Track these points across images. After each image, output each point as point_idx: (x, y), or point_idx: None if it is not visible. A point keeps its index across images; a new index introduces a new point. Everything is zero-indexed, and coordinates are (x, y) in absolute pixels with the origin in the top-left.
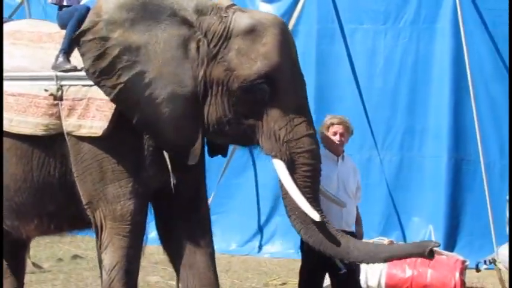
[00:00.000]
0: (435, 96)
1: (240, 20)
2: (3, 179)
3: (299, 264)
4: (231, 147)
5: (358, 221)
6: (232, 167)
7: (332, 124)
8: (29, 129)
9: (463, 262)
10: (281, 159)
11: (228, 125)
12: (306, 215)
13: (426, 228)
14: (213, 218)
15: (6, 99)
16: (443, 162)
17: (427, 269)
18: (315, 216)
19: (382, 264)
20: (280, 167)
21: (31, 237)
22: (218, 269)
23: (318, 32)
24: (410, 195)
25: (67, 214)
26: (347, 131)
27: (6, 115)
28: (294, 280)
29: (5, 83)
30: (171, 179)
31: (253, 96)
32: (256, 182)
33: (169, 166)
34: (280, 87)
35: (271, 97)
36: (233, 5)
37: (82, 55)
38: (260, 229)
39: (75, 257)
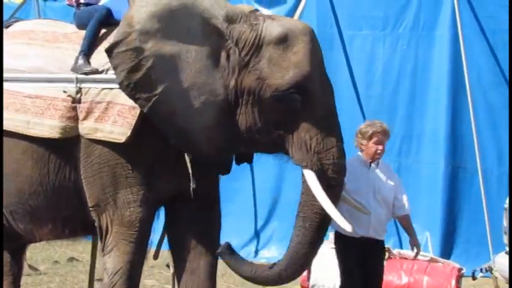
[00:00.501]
0: (433, 103)
1: (272, 28)
2: (18, 182)
3: None
4: None
5: (409, 231)
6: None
7: (374, 134)
8: (46, 132)
9: (459, 270)
10: (312, 169)
11: (258, 133)
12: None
13: (423, 235)
14: None
15: (23, 101)
16: (441, 169)
17: (423, 276)
18: (348, 227)
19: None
20: (311, 178)
21: (44, 240)
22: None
23: (318, 38)
24: None
25: (81, 219)
26: (387, 138)
27: (23, 117)
28: (293, 285)
29: (21, 84)
30: (191, 185)
31: (284, 105)
32: (253, 186)
33: (191, 173)
34: (311, 96)
35: (302, 106)
36: (257, 10)
37: (115, 67)
38: (257, 234)
39: (71, 259)
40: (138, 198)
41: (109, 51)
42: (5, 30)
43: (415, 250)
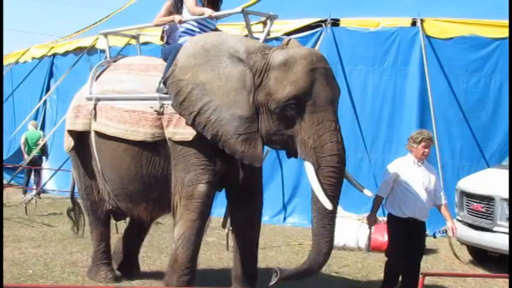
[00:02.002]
0: (407, 116)
1: (277, 56)
2: (120, 172)
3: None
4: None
5: (447, 217)
6: (266, 164)
7: (423, 140)
8: (140, 137)
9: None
10: (309, 161)
11: (274, 135)
12: (323, 208)
13: None
14: None
15: (122, 114)
16: None
17: None
18: (328, 205)
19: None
20: (308, 168)
21: (142, 217)
22: None
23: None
24: None
25: (167, 199)
26: (431, 144)
27: (122, 126)
28: (308, 242)
29: (121, 102)
30: (239, 173)
31: (286, 113)
32: (282, 174)
33: (239, 164)
34: (307, 105)
35: (301, 113)
36: (279, 46)
37: (169, 94)
38: (284, 206)
39: (156, 223)
40: (201, 178)
41: (164, 82)
42: (113, 63)
43: (452, 231)
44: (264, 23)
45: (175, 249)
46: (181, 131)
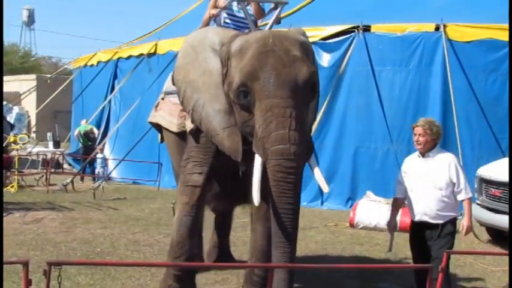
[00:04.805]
0: (431, 112)
1: (234, 43)
2: (173, 157)
3: (346, 213)
4: None
5: (465, 213)
6: None
7: (413, 127)
8: (173, 128)
9: None
10: (258, 154)
11: (243, 127)
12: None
13: None
14: None
15: (171, 107)
16: None
17: None
18: (256, 201)
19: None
20: (256, 160)
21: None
22: None
23: (359, 71)
24: None
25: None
26: (427, 133)
27: (168, 117)
28: (343, 223)
29: (174, 96)
30: (240, 168)
31: (241, 102)
32: (317, 161)
33: (239, 160)
34: (256, 91)
35: (253, 101)
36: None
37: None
38: (321, 191)
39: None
40: (196, 169)
41: (172, 82)
42: None
43: (464, 230)
44: (275, 9)
45: (174, 230)
46: (187, 123)
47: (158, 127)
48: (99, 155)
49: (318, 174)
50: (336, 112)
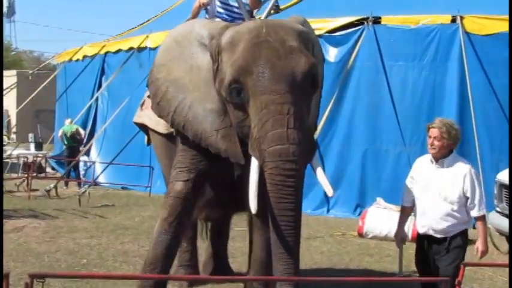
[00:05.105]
0: (446, 112)
1: (225, 36)
2: (161, 163)
3: (354, 222)
4: None
5: (479, 234)
6: None
7: (428, 128)
8: (160, 129)
9: None
10: (254, 156)
11: (239, 128)
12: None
13: None
14: None
15: None
16: None
17: None
18: (253, 208)
19: (410, 221)
20: (253, 164)
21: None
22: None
23: (368, 66)
24: None
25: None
26: (443, 136)
27: (154, 118)
28: (351, 233)
29: None
30: (235, 172)
31: (234, 100)
32: (323, 169)
33: (235, 165)
34: (250, 88)
35: (247, 98)
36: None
37: (150, 95)
38: (327, 198)
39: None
40: (180, 176)
41: (147, 84)
42: None
43: (480, 253)
44: None
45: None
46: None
47: (144, 128)
48: (82, 158)
49: (321, 176)
50: (343, 111)
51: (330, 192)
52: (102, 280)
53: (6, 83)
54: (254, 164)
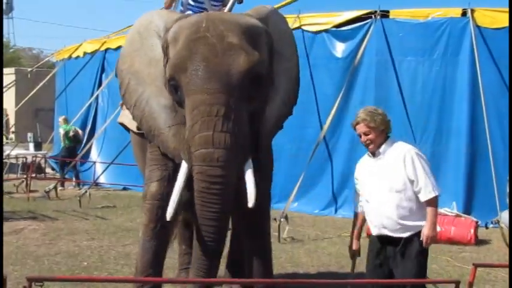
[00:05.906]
0: (457, 107)
1: (172, 29)
2: (138, 165)
3: None
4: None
5: (428, 219)
6: (316, 156)
7: (354, 126)
8: (133, 126)
9: (476, 222)
10: (185, 160)
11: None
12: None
13: (451, 203)
14: (304, 190)
15: None
16: (463, 154)
17: (450, 227)
18: (169, 214)
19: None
20: (182, 168)
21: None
22: (307, 225)
23: (376, 62)
24: (438, 179)
25: None
26: (370, 126)
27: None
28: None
29: None
30: None
31: (174, 97)
32: (332, 168)
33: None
34: (184, 85)
35: (183, 97)
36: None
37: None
38: (335, 198)
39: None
40: (153, 175)
41: (115, 74)
42: None
43: (423, 234)
44: None
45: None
46: None
47: (126, 127)
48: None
49: (249, 181)
50: (350, 108)
51: (250, 203)
52: (103, 284)
53: (4, 81)
54: (183, 167)
